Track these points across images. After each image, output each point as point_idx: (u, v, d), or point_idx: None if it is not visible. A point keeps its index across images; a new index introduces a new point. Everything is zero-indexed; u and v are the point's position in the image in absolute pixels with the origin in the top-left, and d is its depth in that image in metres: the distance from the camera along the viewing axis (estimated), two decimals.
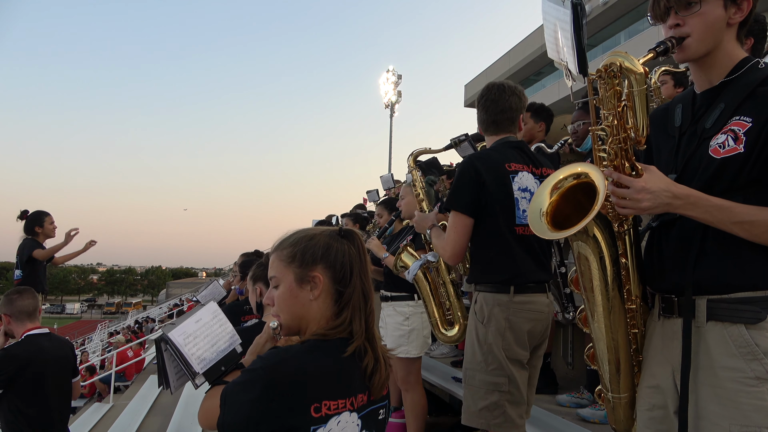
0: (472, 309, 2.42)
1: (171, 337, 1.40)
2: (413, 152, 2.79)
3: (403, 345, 3.56)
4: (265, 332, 1.52)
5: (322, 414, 1.26)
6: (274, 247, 1.47)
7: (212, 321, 1.53)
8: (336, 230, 1.46)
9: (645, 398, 1.55)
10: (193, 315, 1.49)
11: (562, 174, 1.57)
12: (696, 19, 1.42)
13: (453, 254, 2.42)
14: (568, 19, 5.15)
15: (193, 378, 1.40)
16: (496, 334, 2.31)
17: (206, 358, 1.44)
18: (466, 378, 2.38)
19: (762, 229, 1.32)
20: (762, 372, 1.30)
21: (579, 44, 5.28)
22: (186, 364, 1.40)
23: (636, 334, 1.59)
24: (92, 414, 9.33)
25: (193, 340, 1.44)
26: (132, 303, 68.76)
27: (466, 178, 2.37)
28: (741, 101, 1.40)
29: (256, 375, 1.24)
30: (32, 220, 5.55)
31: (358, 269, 1.42)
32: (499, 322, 2.31)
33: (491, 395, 2.29)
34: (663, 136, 1.60)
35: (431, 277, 2.82)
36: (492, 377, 2.30)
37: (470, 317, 2.45)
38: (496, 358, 2.30)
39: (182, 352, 1.40)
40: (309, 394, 1.25)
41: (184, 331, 1.44)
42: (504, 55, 28.11)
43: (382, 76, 25.12)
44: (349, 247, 1.43)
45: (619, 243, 1.51)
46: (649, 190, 1.36)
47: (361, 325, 1.38)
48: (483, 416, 2.30)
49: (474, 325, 2.39)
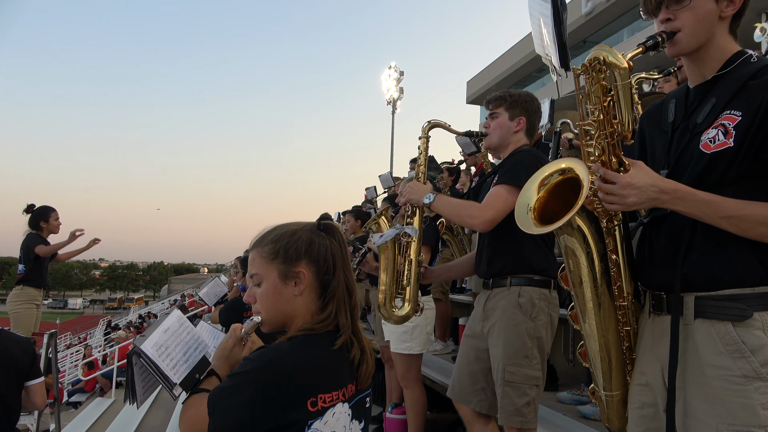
0: (513, 302, 2.35)
1: (144, 349, 1.35)
2: (431, 121, 2.70)
3: (406, 341, 3.55)
4: (231, 335, 1.50)
5: (319, 407, 1.27)
6: (253, 243, 1.45)
7: (180, 329, 1.49)
8: (315, 225, 1.46)
9: (635, 396, 1.55)
10: (160, 325, 1.45)
11: (547, 170, 1.58)
12: (687, 13, 1.40)
13: (491, 220, 2.34)
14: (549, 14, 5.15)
15: (171, 389, 1.37)
16: (543, 328, 2.34)
17: (180, 368, 1.41)
18: (505, 376, 2.30)
19: (750, 224, 1.31)
20: (749, 370, 1.29)
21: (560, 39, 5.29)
22: (163, 376, 1.36)
23: (629, 331, 1.58)
24: (94, 409, 9.37)
25: (165, 351, 1.40)
26: (134, 298, 68.96)
27: (532, 162, 2.33)
28: (732, 95, 1.39)
29: (247, 377, 1.23)
30: (38, 215, 5.58)
31: (341, 263, 1.44)
32: (546, 317, 2.35)
33: (531, 390, 2.30)
34: (657, 132, 1.60)
35: (397, 251, 2.63)
36: (534, 371, 2.31)
37: (508, 311, 2.35)
38: (542, 353, 2.33)
39: (157, 364, 1.36)
40: (305, 389, 1.26)
41: (155, 342, 1.39)
42: (506, 52, 28.04)
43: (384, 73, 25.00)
44: (330, 241, 1.44)
45: (609, 239, 1.51)
46: (635, 185, 1.35)
47: (347, 318, 1.40)
48: (523, 413, 2.28)
49: (518, 320, 2.32)
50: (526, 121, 2.55)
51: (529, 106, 2.57)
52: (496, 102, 2.58)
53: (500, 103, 2.57)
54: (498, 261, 2.45)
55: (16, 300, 5.44)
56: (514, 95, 2.58)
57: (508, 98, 2.56)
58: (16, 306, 5.43)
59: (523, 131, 2.56)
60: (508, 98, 2.56)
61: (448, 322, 5.31)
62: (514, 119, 2.54)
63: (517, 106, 2.55)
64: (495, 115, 2.58)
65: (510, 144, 2.56)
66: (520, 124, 2.54)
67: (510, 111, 2.55)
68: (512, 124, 2.54)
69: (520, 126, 2.54)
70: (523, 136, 2.57)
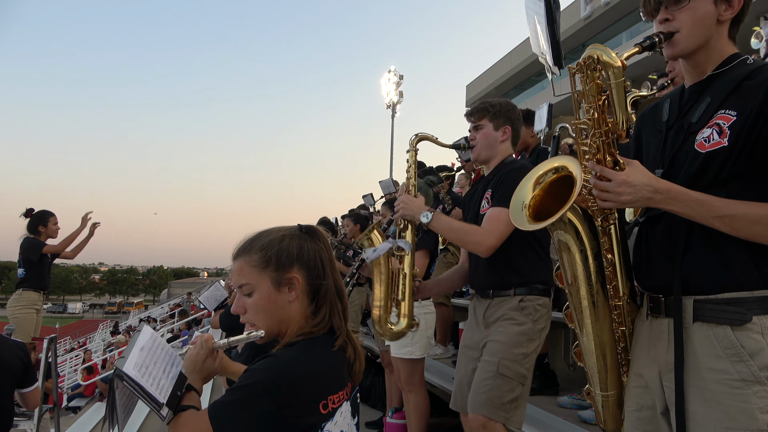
0: (515, 306, 2.40)
1: (127, 371, 1.26)
2: (418, 134, 2.69)
3: (406, 345, 3.53)
4: (203, 347, 1.44)
5: (330, 409, 1.30)
6: (237, 253, 1.41)
7: (154, 346, 1.41)
8: (297, 229, 1.45)
9: (633, 398, 1.55)
10: (135, 344, 1.36)
11: (542, 169, 1.59)
12: (685, 14, 1.41)
13: (493, 246, 2.37)
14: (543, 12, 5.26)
15: (159, 410, 1.28)
16: (539, 334, 2.42)
17: (163, 387, 1.33)
18: (500, 369, 2.33)
19: (742, 223, 1.30)
20: (747, 374, 1.29)
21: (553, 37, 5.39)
22: (149, 397, 1.27)
23: (624, 332, 1.58)
24: (93, 413, 9.34)
25: (146, 371, 1.32)
26: (134, 303, 68.84)
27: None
28: (727, 95, 1.39)
29: (259, 388, 1.22)
30: (37, 219, 5.57)
31: (329, 265, 1.44)
32: (543, 323, 2.44)
33: (518, 388, 2.34)
34: (652, 132, 1.60)
35: (391, 266, 2.60)
36: (525, 371, 2.37)
37: (511, 313, 2.40)
38: (534, 354, 2.41)
39: (142, 385, 1.27)
40: (317, 393, 1.28)
41: (135, 363, 1.31)
42: (505, 56, 28.07)
43: (384, 77, 25.00)
44: (316, 243, 1.44)
45: (604, 238, 1.51)
46: (630, 183, 1.35)
47: (340, 319, 1.42)
48: (507, 409, 2.31)
49: (521, 320, 2.39)
50: (511, 130, 2.57)
51: (512, 115, 2.58)
52: (479, 114, 2.59)
53: (483, 114, 2.58)
54: (499, 272, 2.46)
55: (16, 305, 5.43)
56: (495, 105, 2.58)
57: (491, 108, 2.57)
58: (16, 311, 5.41)
59: (509, 140, 2.58)
60: (491, 108, 2.57)
61: (449, 327, 5.29)
62: (499, 129, 2.56)
63: (500, 116, 2.55)
64: (479, 126, 2.59)
65: (497, 154, 2.58)
66: (506, 133, 2.56)
67: (494, 121, 2.56)
68: (498, 134, 2.56)
69: (505, 135, 2.56)
70: (509, 146, 2.60)
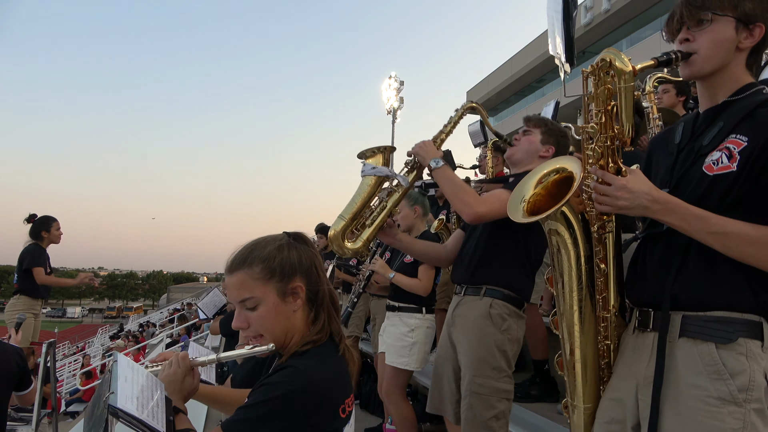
0: (484, 312, 2.36)
1: (122, 407, 1.21)
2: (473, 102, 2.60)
3: (404, 356, 3.51)
4: (180, 365, 1.41)
5: (347, 413, 1.33)
6: (235, 266, 1.37)
7: (134, 374, 1.36)
8: (285, 236, 1.43)
9: (605, 411, 1.54)
10: (117, 377, 1.29)
11: (545, 169, 1.62)
12: (705, 36, 1.42)
13: (481, 215, 2.30)
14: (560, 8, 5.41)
15: None
16: (512, 343, 2.37)
17: (157, 415, 1.30)
18: (473, 387, 2.30)
19: (735, 242, 1.30)
20: (725, 393, 1.28)
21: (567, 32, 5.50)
22: (151, 430, 1.23)
23: (609, 346, 1.56)
24: None
25: (137, 402, 1.27)
26: (133, 307, 68.76)
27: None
28: (740, 120, 1.39)
29: (284, 402, 1.21)
30: (39, 225, 5.58)
31: (321, 270, 1.44)
32: (514, 332, 2.39)
33: (500, 403, 2.30)
34: (663, 154, 1.60)
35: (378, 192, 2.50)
36: (504, 384, 2.32)
37: (478, 320, 2.37)
38: (510, 367, 2.35)
39: (140, 419, 1.22)
40: (336, 399, 1.30)
41: (125, 395, 1.25)
42: (506, 62, 28.20)
43: (385, 83, 25.04)
44: (309, 249, 1.44)
45: (599, 247, 1.51)
46: (629, 189, 1.36)
47: (337, 324, 1.43)
48: (490, 426, 2.27)
49: (487, 331, 2.34)
50: (554, 152, 2.56)
51: (561, 141, 2.60)
52: (536, 122, 2.61)
53: (539, 125, 2.59)
54: (480, 270, 2.45)
55: (14, 309, 5.43)
56: (555, 125, 2.62)
57: (549, 124, 2.60)
58: (14, 315, 5.40)
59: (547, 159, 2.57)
60: (549, 124, 2.60)
61: None
62: (545, 145, 2.56)
63: (552, 135, 2.57)
64: (529, 132, 2.59)
65: (529, 165, 2.55)
66: (549, 152, 2.55)
67: (544, 136, 2.57)
68: (541, 148, 2.56)
69: (547, 153, 2.55)
70: None
